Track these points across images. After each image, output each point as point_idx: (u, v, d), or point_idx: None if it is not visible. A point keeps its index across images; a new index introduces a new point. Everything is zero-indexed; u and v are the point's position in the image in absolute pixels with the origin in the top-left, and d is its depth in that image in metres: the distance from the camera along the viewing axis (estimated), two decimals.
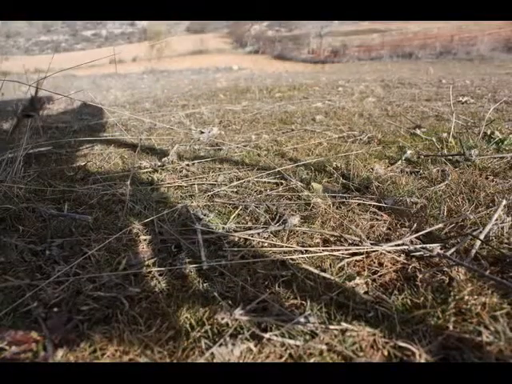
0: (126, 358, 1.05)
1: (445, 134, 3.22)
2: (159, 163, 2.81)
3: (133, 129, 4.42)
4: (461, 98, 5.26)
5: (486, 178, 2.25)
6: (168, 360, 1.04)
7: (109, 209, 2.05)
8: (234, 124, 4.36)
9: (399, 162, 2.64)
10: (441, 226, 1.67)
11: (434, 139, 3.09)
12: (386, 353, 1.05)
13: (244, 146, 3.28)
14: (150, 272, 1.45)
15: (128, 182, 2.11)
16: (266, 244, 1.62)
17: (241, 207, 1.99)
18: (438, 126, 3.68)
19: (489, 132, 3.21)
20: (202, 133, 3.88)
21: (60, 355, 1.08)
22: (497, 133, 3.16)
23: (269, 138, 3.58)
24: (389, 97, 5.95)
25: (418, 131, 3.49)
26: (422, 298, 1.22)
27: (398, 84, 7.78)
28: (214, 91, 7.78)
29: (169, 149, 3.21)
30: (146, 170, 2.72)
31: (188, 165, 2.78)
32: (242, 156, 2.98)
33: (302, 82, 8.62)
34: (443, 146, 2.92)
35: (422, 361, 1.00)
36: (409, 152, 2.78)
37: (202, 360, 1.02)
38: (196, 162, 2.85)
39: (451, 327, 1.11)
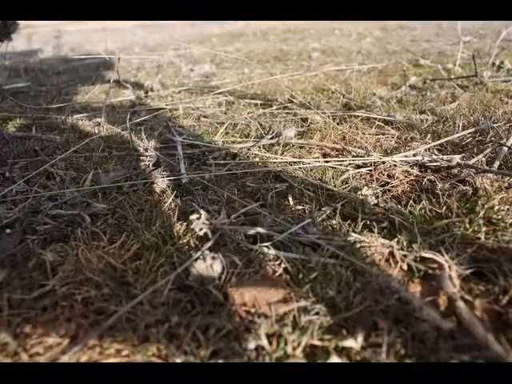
0: (81, 277, 0.84)
1: (450, 65, 2.98)
2: (143, 92, 2.55)
3: (120, 69, 4.11)
4: (463, 38, 4.95)
5: (501, 100, 2.03)
6: (131, 279, 0.83)
7: (83, 132, 1.82)
8: (226, 62, 4.08)
9: (403, 88, 2.39)
10: (459, 135, 1.44)
11: (439, 67, 2.84)
12: (405, 267, 0.85)
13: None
14: (120, 188, 1.23)
15: (104, 98, 1.86)
16: (257, 159, 1.39)
17: (229, 121, 1.75)
18: (441, 59, 3.42)
19: (497, 62, 2.97)
20: (192, 70, 3.59)
21: (2, 276, 0.87)
22: (506, 62, 2.92)
23: (262, 71, 3.30)
24: (388, 37, 5.62)
25: (421, 61, 3.23)
26: (445, 208, 1.01)
27: (397, 27, 7.39)
28: (207, 36, 7.39)
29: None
30: (128, 98, 2.47)
31: (174, 92, 2.52)
32: (233, 83, 2.72)
33: (297, 27, 8.22)
34: (450, 73, 2.68)
35: (453, 273, 0.80)
36: (413, 78, 2.54)
37: (172, 277, 0.81)
38: (183, 88, 2.59)
39: (483, 238, 0.91)
